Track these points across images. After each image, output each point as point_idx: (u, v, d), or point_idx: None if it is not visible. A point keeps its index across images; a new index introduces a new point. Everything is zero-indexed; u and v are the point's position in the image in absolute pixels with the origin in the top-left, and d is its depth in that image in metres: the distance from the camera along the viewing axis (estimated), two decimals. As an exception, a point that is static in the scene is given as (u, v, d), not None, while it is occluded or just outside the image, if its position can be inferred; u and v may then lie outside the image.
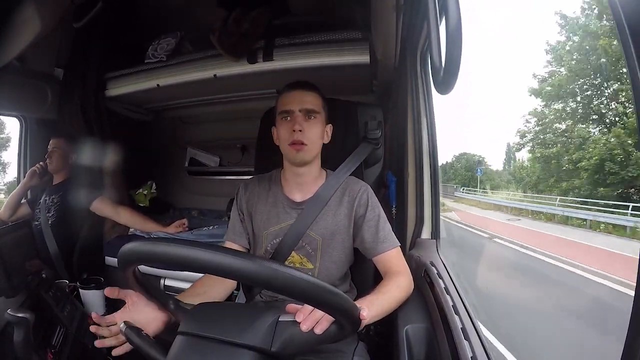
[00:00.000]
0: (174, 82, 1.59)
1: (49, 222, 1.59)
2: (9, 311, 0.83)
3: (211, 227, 1.71)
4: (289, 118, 0.90)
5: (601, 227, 7.20)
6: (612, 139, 7.89)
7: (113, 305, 1.48)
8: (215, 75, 1.51)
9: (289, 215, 0.94)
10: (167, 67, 1.59)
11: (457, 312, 0.72)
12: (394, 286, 0.82)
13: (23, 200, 1.71)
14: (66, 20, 1.39)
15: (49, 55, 1.67)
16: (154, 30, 1.67)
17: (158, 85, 1.62)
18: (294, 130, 0.88)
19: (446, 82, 0.50)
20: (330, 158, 1.02)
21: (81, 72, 1.68)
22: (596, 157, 7.99)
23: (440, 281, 0.84)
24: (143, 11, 1.63)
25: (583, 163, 8.29)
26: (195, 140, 2.28)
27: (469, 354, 0.61)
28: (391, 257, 0.90)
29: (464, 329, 0.66)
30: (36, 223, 1.61)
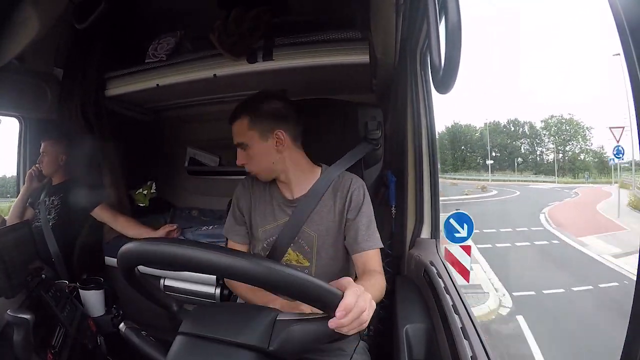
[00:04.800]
0: (174, 81, 1.58)
1: (50, 224, 1.58)
2: (8, 311, 0.83)
3: (211, 227, 1.70)
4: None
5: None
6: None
7: (113, 306, 1.49)
8: (215, 74, 1.50)
9: (284, 213, 0.95)
10: (166, 67, 1.59)
11: (457, 312, 0.72)
12: (374, 286, 0.80)
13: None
14: (65, 19, 1.39)
15: (48, 54, 1.66)
16: (154, 29, 1.66)
17: (158, 85, 1.62)
18: None
19: (445, 81, 0.50)
20: (330, 159, 1.02)
21: (81, 71, 1.67)
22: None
23: (440, 281, 0.84)
24: (143, 11, 1.63)
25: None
26: (195, 140, 2.27)
27: (469, 354, 0.61)
28: (372, 256, 0.90)
29: (463, 329, 0.66)
30: (37, 224, 1.60)
